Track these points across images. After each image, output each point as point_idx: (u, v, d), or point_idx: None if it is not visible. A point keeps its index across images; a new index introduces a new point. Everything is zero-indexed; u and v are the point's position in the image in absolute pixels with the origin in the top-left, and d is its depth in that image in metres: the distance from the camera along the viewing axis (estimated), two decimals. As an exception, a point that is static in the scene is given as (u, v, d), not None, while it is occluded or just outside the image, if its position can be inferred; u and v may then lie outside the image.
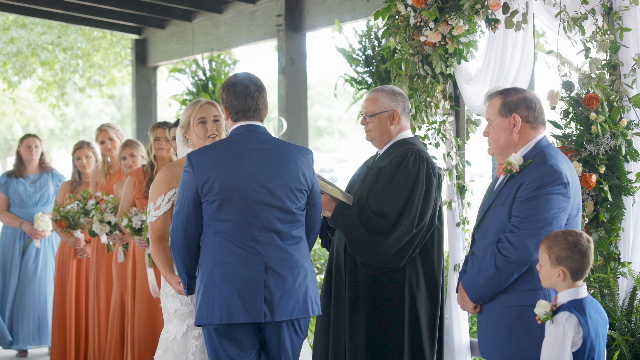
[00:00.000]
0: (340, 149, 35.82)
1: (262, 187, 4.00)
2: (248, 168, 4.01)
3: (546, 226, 3.77)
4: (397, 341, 4.54)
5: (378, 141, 4.78)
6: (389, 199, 4.51)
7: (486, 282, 3.88)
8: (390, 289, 4.56)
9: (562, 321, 3.49)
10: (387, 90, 4.77)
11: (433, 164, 4.64)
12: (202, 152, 4.06)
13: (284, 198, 4.04)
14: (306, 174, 4.13)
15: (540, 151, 3.92)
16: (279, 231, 4.03)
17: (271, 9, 8.68)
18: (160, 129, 6.05)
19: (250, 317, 3.96)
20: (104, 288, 6.66)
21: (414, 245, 4.54)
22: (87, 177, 7.31)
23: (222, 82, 4.20)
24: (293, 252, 4.07)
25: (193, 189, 4.02)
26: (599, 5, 4.69)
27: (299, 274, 4.06)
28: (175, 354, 4.41)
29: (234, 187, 3.98)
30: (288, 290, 4.01)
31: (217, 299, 3.96)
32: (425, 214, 4.54)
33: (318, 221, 4.28)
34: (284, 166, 4.06)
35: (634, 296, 4.63)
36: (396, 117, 4.72)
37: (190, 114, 4.51)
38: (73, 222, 6.87)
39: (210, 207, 4.00)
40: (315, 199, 4.21)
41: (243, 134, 4.10)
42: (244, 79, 4.16)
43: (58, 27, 14.29)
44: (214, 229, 4.01)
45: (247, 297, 3.95)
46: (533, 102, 3.99)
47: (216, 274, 3.98)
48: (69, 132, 30.49)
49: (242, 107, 4.12)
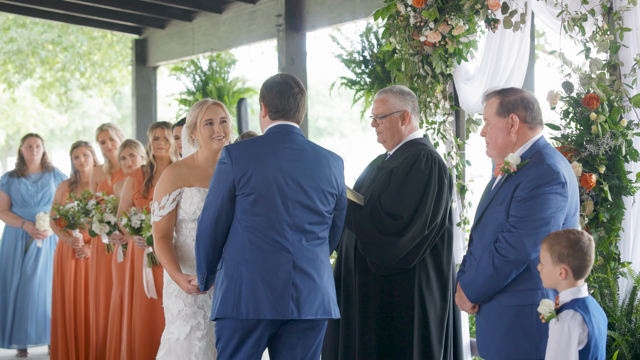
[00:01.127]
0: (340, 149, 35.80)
1: (298, 186, 4.02)
2: (285, 165, 4.02)
3: (544, 226, 3.77)
4: (406, 341, 4.54)
5: (390, 142, 4.75)
6: (401, 200, 4.50)
7: (484, 282, 3.88)
8: (400, 289, 4.55)
9: (567, 319, 3.48)
10: (396, 91, 4.75)
11: (444, 165, 4.63)
12: (241, 146, 4.07)
13: (316, 200, 4.06)
14: (338, 179, 4.16)
15: (537, 151, 3.92)
16: (308, 231, 4.04)
17: (271, 9, 8.68)
18: (159, 128, 6.04)
19: (278, 314, 3.95)
20: (103, 288, 6.66)
21: (425, 245, 4.54)
22: (86, 176, 7.31)
23: (265, 80, 4.22)
24: (318, 252, 4.08)
25: (230, 181, 4.01)
26: (599, 5, 4.69)
27: (324, 274, 4.08)
28: (178, 355, 4.40)
29: (272, 182, 3.99)
30: (314, 290, 4.02)
31: (245, 294, 3.95)
32: (437, 215, 4.54)
33: (341, 227, 4.29)
34: (319, 169, 4.08)
35: (634, 296, 4.63)
36: (407, 117, 4.71)
37: (197, 114, 4.50)
38: (72, 221, 6.87)
39: (246, 201, 4.00)
40: (342, 203, 4.22)
41: (281, 133, 4.12)
42: (289, 79, 4.18)
43: (58, 27, 14.29)
44: (245, 223, 4.00)
45: (276, 294, 3.95)
46: (531, 102, 3.99)
47: (244, 269, 3.97)
48: (69, 132, 30.50)
49: (284, 106, 4.14)
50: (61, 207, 6.89)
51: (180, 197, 4.47)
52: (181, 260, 4.45)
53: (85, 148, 7.37)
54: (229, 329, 4.01)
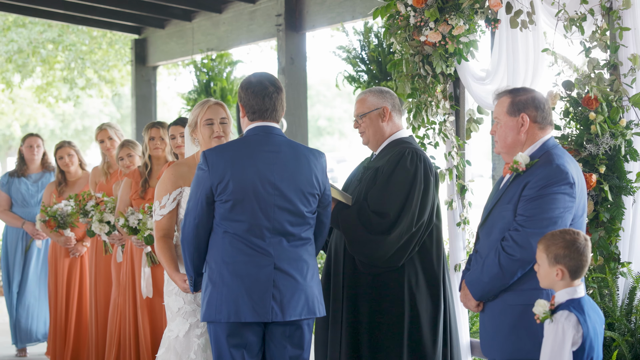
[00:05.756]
0: (340, 149, 35.84)
1: (276, 190, 4.00)
2: (263, 170, 4.00)
3: (551, 225, 3.77)
4: (396, 340, 4.54)
5: (373, 142, 4.77)
6: (388, 198, 4.51)
7: (490, 280, 3.89)
8: (389, 288, 4.56)
9: (561, 320, 3.49)
10: (374, 90, 4.78)
11: (430, 162, 4.65)
12: (218, 151, 4.06)
13: (297, 202, 4.04)
14: (319, 177, 4.14)
15: (547, 151, 3.92)
16: (289, 233, 4.04)
17: (271, 9, 8.69)
18: (155, 128, 6.02)
19: (258, 317, 3.96)
20: (102, 288, 6.66)
21: (413, 243, 4.54)
22: (72, 176, 7.32)
23: (241, 81, 4.20)
24: (301, 252, 4.08)
25: (207, 187, 4.01)
26: (598, 5, 4.69)
27: (307, 274, 4.07)
28: (178, 353, 4.42)
29: (248, 188, 3.98)
30: (298, 290, 4.02)
31: (226, 298, 3.96)
32: (424, 211, 4.55)
33: (328, 224, 4.29)
34: (298, 170, 4.06)
35: (633, 296, 4.63)
36: (387, 113, 4.71)
37: (198, 114, 4.52)
38: (62, 222, 6.87)
39: (223, 207, 4.00)
40: (326, 201, 4.22)
41: (259, 135, 4.10)
42: (263, 79, 4.15)
43: (59, 26, 14.29)
44: (224, 228, 4.01)
45: (256, 297, 3.96)
46: (542, 102, 3.99)
47: (225, 273, 3.98)
48: (69, 132, 30.50)
49: (260, 107, 4.11)
50: (49, 208, 6.89)
51: (181, 196, 4.49)
52: (181, 258, 4.45)
53: (69, 148, 7.35)
54: (215, 333, 4.04)
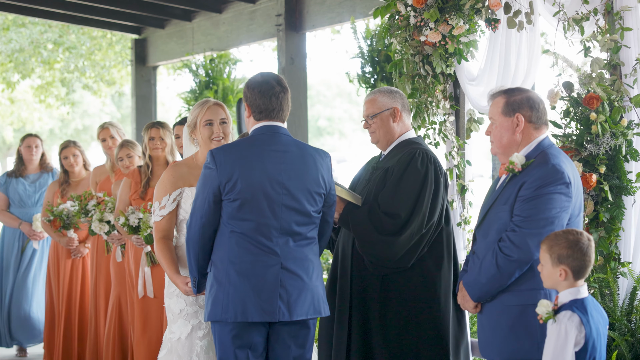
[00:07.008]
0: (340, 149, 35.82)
1: (284, 189, 4.00)
2: (271, 169, 4.00)
3: (548, 225, 3.77)
4: (406, 342, 4.53)
5: (383, 142, 4.76)
6: (399, 199, 4.50)
7: (487, 281, 3.88)
8: (399, 289, 4.55)
9: (564, 320, 3.49)
10: (384, 90, 4.78)
11: (439, 164, 4.65)
12: (226, 150, 4.04)
13: (304, 201, 4.04)
14: (325, 177, 4.14)
15: (542, 151, 3.92)
16: (295, 232, 4.03)
17: (271, 9, 8.68)
18: (154, 128, 6.00)
19: (266, 316, 3.96)
20: (103, 288, 6.66)
21: (423, 244, 4.54)
22: (76, 176, 7.31)
23: (246, 81, 4.20)
24: (307, 252, 4.08)
25: (215, 186, 3.99)
26: (600, 5, 4.69)
27: (313, 273, 4.08)
28: (180, 355, 4.40)
29: (257, 187, 3.97)
30: (304, 290, 4.02)
31: (232, 297, 3.95)
32: (434, 213, 4.55)
33: (331, 223, 4.29)
34: (305, 169, 4.06)
35: (634, 296, 4.63)
36: (397, 114, 4.71)
37: (197, 114, 4.50)
38: (67, 222, 6.86)
39: (231, 206, 3.99)
40: (331, 200, 4.21)
41: (266, 134, 4.08)
42: (270, 78, 4.15)
43: (59, 26, 14.28)
44: (231, 227, 4.00)
45: (264, 296, 3.95)
46: (536, 102, 3.99)
47: (231, 272, 3.97)
48: (69, 132, 30.49)
49: (267, 107, 4.11)
50: (54, 208, 6.87)
51: (181, 197, 4.47)
52: (181, 259, 4.45)
53: (75, 148, 7.34)
54: (219, 333, 4.02)
